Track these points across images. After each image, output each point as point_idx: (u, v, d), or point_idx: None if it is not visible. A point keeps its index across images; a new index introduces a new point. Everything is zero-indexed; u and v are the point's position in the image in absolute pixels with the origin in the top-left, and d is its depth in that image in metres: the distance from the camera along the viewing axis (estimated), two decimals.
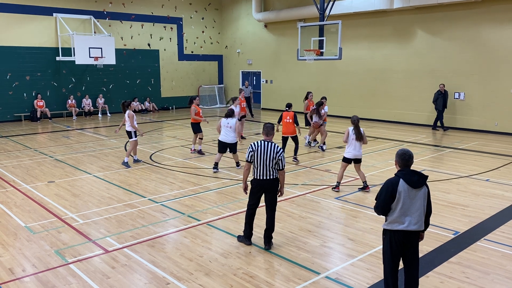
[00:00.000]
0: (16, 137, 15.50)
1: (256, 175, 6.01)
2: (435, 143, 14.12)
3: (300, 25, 16.25)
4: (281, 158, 5.92)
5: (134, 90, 22.96)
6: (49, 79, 20.16)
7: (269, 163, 5.91)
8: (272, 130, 6.17)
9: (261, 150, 5.93)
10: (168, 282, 5.18)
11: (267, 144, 5.97)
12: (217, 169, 10.37)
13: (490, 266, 5.59)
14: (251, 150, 6.00)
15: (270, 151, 5.90)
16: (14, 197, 8.51)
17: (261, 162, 5.92)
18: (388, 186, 4.31)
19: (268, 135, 6.11)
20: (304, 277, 5.30)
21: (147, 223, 7.08)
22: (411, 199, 4.25)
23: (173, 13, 23.93)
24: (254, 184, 6.08)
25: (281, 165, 5.95)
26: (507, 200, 8.29)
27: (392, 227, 4.34)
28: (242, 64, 25.46)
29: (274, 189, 6.06)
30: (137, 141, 11.35)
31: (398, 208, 4.26)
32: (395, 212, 4.29)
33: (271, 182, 5.98)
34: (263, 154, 5.91)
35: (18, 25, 18.99)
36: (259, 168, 5.96)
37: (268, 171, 5.93)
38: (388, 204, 4.30)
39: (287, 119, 11.14)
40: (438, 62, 17.20)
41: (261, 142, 6.00)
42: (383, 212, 4.37)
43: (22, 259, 5.78)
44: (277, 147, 5.96)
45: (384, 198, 4.30)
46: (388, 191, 4.28)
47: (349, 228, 6.90)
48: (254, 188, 6.09)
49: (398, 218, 4.29)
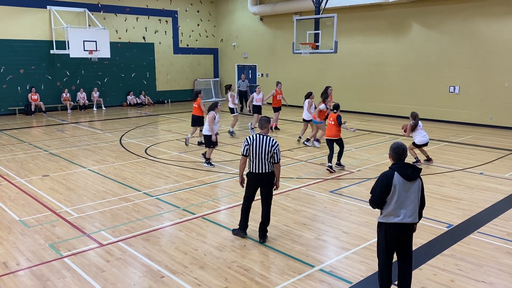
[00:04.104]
0: (10, 130, 15.41)
1: (252, 168, 6.03)
2: (430, 137, 14.14)
3: (296, 18, 16.20)
4: (276, 151, 5.93)
5: (129, 83, 22.86)
6: (43, 72, 20.03)
7: (265, 156, 5.92)
8: (267, 123, 6.17)
9: (257, 143, 5.94)
10: (162, 275, 5.19)
11: (262, 137, 5.97)
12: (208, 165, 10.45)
13: (483, 259, 5.63)
14: (246, 144, 6.01)
15: (265, 144, 5.91)
16: (8, 191, 8.48)
17: (256, 155, 5.93)
18: (383, 179, 4.33)
19: (263, 128, 6.13)
20: (299, 270, 5.32)
21: (142, 217, 7.08)
22: (406, 191, 4.28)
23: (168, 6, 23.79)
24: (250, 178, 6.10)
25: (277, 158, 5.96)
26: (501, 193, 8.34)
27: (388, 220, 4.36)
28: (238, 57, 25.39)
29: (270, 183, 6.08)
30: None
31: (394, 201, 4.28)
32: (390, 205, 4.31)
33: (266, 175, 6.00)
34: (258, 147, 5.92)
35: (11, 18, 18.81)
36: (255, 161, 5.97)
37: (263, 164, 5.95)
38: (384, 197, 4.31)
39: (330, 121, 10.10)
40: (434, 55, 17.21)
41: (257, 135, 6.01)
42: (378, 205, 4.39)
43: (16, 253, 5.77)
44: (272, 140, 5.96)
45: (380, 191, 4.32)
46: (384, 184, 4.29)
47: (344, 221, 6.93)
48: (250, 182, 6.12)
49: (393, 211, 4.31)
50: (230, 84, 14.58)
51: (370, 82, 19.30)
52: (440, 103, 17.15)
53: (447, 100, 16.99)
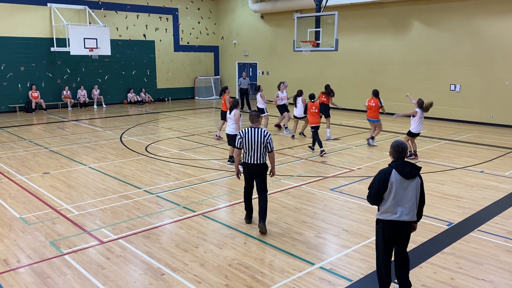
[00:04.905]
0: (10, 128, 15.42)
1: (246, 159, 6.39)
2: (431, 135, 14.14)
3: (297, 16, 16.16)
4: (269, 141, 6.33)
5: (130, 81, 22.84)
6: (43, 70, 20.01)
7: (258, 147, 6.28)
8: (257, 117, 6.52)
9: (249, 136, 6.31)
10: (163, 272, 5.20)
11: (255, 130, 6.34)
12: (231, 162, 10.26)
13: (483, 257, 5.63)
14: (239, 137, 6.39)
15: (258, 136, 6.29)
16: (8, 188, 8.48)
17: (250, 147, 6.30)
18: (380, 176, 4.35)
19: (254, 122, 6.47)
20: (299, 267, 5.33)
21: (143, 214, 7.08)
22: (404, 189, 4.29)
23: (168, 3, 23.75)
24: (244, 169, 6.49)
25: (270, 147, 6.35)
26: (501, 192, 8.34)
27: (385, 217, 4.38)
28: (238, 55, 25.35)
29: (263, 173, 6.40)
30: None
31: (390, 198, 4.30)
32: (387, 202, 4.33)
33: (259, 166, 6.34)
34: (251, 139, 6.29)
35: (12, 15, 18.79)
36: (248, 153, 6.34)
37: (257, 155, 6.30)
38: (380, 194, 4.34)
39: (313, 109, 11.45)
40: (434, 53, 17.19)
41: (249, 128, 6.37)
42: (375, 202, 4.41)
43: (17, 250, 5.78)
44: (264, 131, 6.35)
45: (377, 188, 4.35)
46: (381, 181, 4.33)
47: (344, 219, 6.93)
48: (245, 172, 6.52)
49: (390, 208, 4.33)
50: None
51: (371, 80, 19.26)
52: (441, 101, 17.11)
53: (448, 98, 16.97)
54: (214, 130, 14.53)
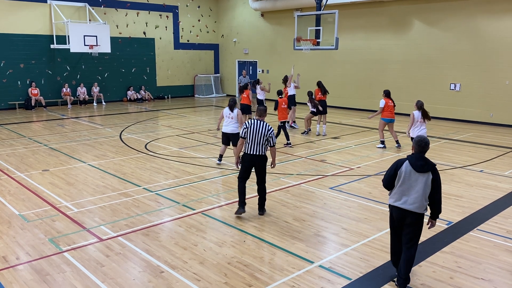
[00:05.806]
0: (10, 125, 15.40)
1: (248, 150, 6.71)
2: (430, 134, 14.14)
3: (297, 14, 16.12)
4: (271, 135, 6.69)
5: (130, 78, 22.82)
6: (43, 67, 19.99)
7: (261, 139, 6.63)
8: (265, 112, 6.93)
9: (254, 127, 6.66)
10: (162, 270, 5.20)
11: (260, 122, 6.71)
12: (220, 161, 10.16)
13: (483, 256, 5.64)
14: (245, 127, 6.73)
15: (262, 129, 6.64)
16: (8, 185, 8.48)
17: (253, 138, 6.64)
18: (394, 163, 4.77)
19: (261, 116, 6.84)
20: (298, 266, 5.33)
21: (142, 212, 7.08)
22: (412, 181, 4.59)
23: (169, 1, 23.71)
24: (245, 159, 6.77)
25: (272, 142, 6.75)
26: (501, 191, 8.34)
27: (391, 202, 4.81)
28: (239, 53, 25.33)
29: (263, 164, 6.75)
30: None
31: (398, 186, 4.69)
32: (395, 189, 4.73)
33: (260, 157, 6.70)
34: (255, 131, 6.64)
35: (11, 12, 18.76)
36: (251, 144, 6.67)
37: (259, 147, 6.65)
38: (391, 180, 4.74)
39: (283, 105, 12.18)
40: (435, 52, 17.18)
41: (255, 120, 6.74)
42: (387, 186, 4.83)
43: (16, 247, 5.78)
44: (268, 126, 6.71)
45: (388, 173, 4.77)
46: (392, 168, 4.73)
47: (343, 218, 6.93)
48: (246, 162, 6.77)
49: (395, 194, 4.74)
50: (258, 79, 14.91)
51: (371, 78, 19.27)
52: (440, 100, 17.14)
53: (447, 97, 16.97)
54: (214, 128, 14.52)
